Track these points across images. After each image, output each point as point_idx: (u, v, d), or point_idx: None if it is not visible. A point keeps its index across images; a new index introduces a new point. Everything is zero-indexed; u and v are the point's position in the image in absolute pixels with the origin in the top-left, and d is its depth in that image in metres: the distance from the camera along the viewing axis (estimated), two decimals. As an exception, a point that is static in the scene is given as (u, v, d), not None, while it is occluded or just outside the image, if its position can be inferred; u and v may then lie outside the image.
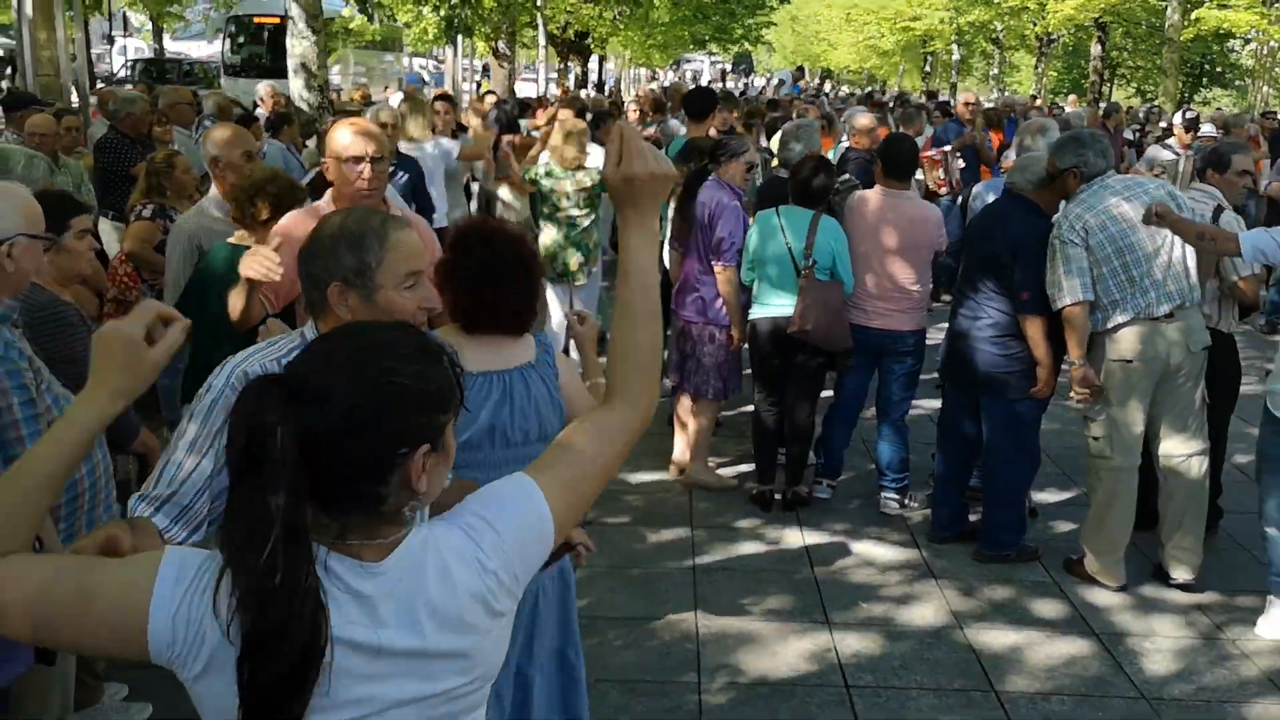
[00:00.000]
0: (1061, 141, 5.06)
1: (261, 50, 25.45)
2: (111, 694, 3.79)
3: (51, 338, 3.21)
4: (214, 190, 4.66)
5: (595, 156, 6.90)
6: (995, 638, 4.52)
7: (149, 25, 36.21)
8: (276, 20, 24.26)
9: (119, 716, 3.72)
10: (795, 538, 5.42)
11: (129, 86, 15.85)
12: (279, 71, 22.56)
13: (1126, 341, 4.74)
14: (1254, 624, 4.64)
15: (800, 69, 34.06)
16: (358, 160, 3.58)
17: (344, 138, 3.62)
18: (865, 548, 5.35)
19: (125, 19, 37.95)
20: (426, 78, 29.01)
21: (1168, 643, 4.53)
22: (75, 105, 11.33)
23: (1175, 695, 4.15)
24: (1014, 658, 4.38)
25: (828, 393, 5.99)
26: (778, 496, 5.77)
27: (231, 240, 4.14)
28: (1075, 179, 4.86)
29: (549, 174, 6.76)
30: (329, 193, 3.72)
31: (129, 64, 29.20)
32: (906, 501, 5.78)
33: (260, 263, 3.10)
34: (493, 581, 1.58)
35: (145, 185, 6.03)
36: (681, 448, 6.07)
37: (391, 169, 5.16)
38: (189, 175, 6.17)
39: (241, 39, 25.95)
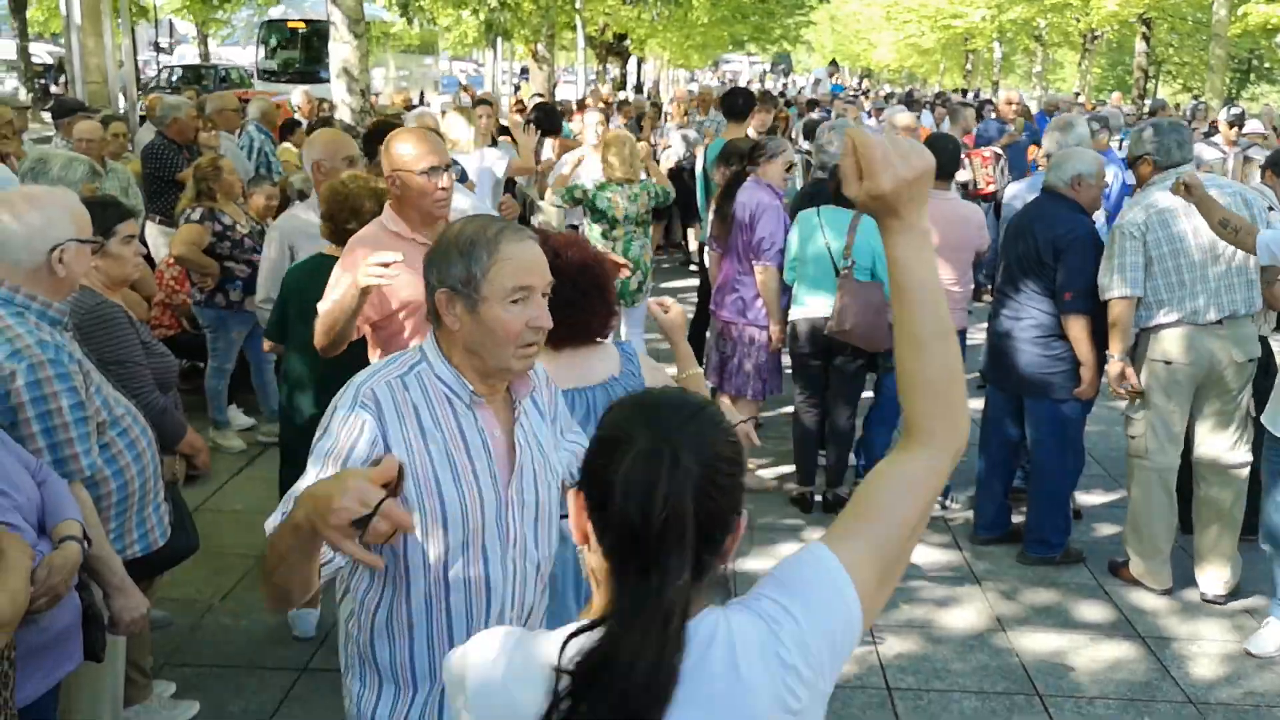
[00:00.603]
0: (1141, 128, 5.01)
1: (296, 55, 25.29)
2: (160, 691, 3.85)
3: (101, 340, 3.27)
4: (313, 194, 4.80)
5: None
6: (1039, 641, 4.48)
7: (194, 33, 36.73)
8: (305, 24, 24.58)
9: (167, 713, 3.77)
10: (836, 539, 5.39)
11: (170, 93, 16.07)
12: (313, 76, 21.87)
13: (1170, 343, 4.68)
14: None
15: (834, 63, 33.75)
16: (434, 170, 3.40)
17: (415, 148, 3.43)
18: (957, 556, 5.30)
19: (171, 26, 38.45)
20: (464, 81, 29.07)
21: (1214, 647, 4.47)
22: (123, 111, 11.50)
23: (1223, 700, 4.10)
24: (1058, 661, 4.34)
25: (868, 394, 5.96)
26: (818, 498, 5.75)
27: (326, 251, 4.10)
28: (1148, 166, 4.81)
29: (601, 188, 6.47)
30: (388, 207, 3.53)
31: (162, 70, 29.32)
32: (948, 503, 5.74)
33: (376, 268, 2.94)
34: (793, 678, 1.38)
35: (194, 189, 6.13)
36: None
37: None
38: (235, 178, 6.27)
39: (276, 44, 25.76)
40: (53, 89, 20.66)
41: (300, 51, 25.35)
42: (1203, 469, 4.83)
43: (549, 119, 9.42)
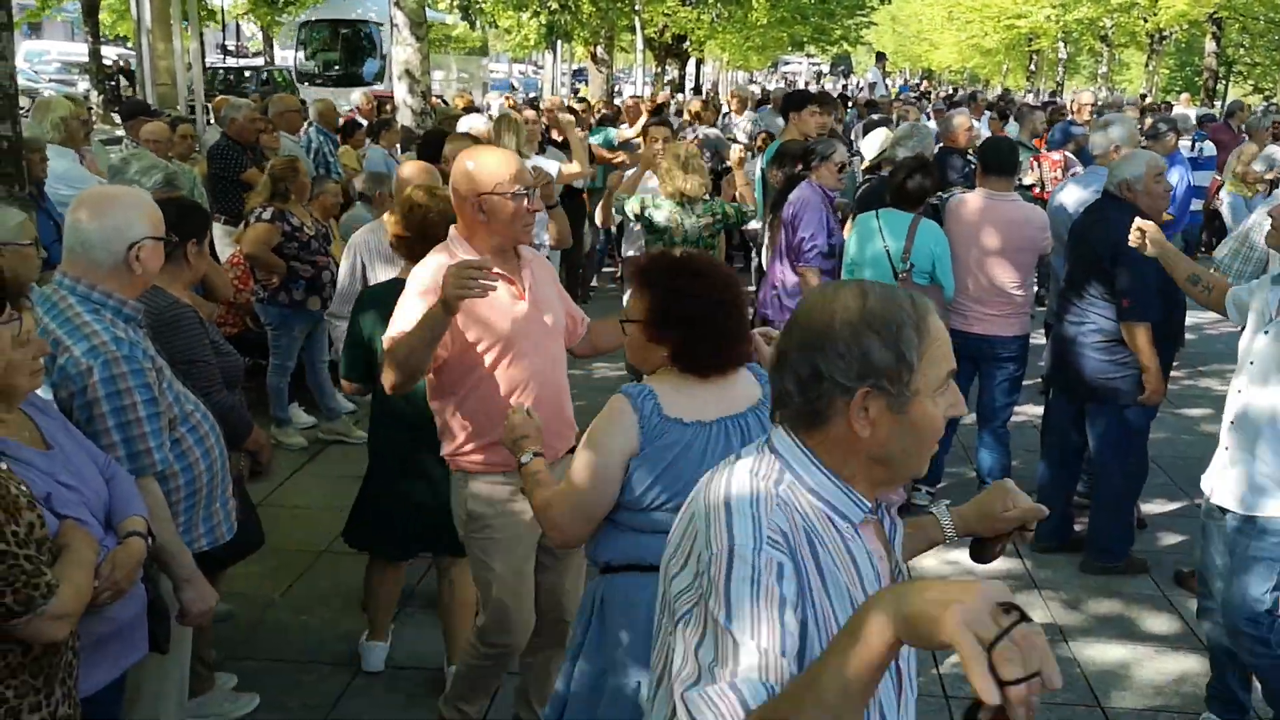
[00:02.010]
0: None
1: (336, 56, 24.36)
2: (222, 683, 3.92)
3: (172, 339, 3.33)
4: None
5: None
6: (1101, 651, 4.41)
7: (259, 35, 37.30)
8: (348, 25, 23.84)
9: (229, 705, 3.84)
10: (893, 545, 5.34)
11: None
12: (354, 79, 21.25)
13: None
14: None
15: (880, 55, 33.24)
16: (521, 192, 3.07)
17: (506, 168, 3.08)
18: (965, 556, 5.22)
19: (239, 29, 39.11)
20: (516, 84, 29.03)
21: (1285, 661, 4.36)
22: (191, 113, 11.73)
23: (1292, 716, 4.00)
24: (1121, 673, 4.26)
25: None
26: (874, 502, 5.69)
27: (402, 274, 3.72)
28: None
29: (658, 207, 5.86)
30: (454, 230, 3.18)
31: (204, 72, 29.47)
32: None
33: (474, 277, 2.71)
34: None
35: (269, 189, 6.22)
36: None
37: None
38: (308, 180, 6.40)
39: (315, 45, 24.71)
40: (123, 92, 21.08)
41: (341, 53, 24.34)
42: None
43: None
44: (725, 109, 14.27)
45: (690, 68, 34.45)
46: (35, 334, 2.42)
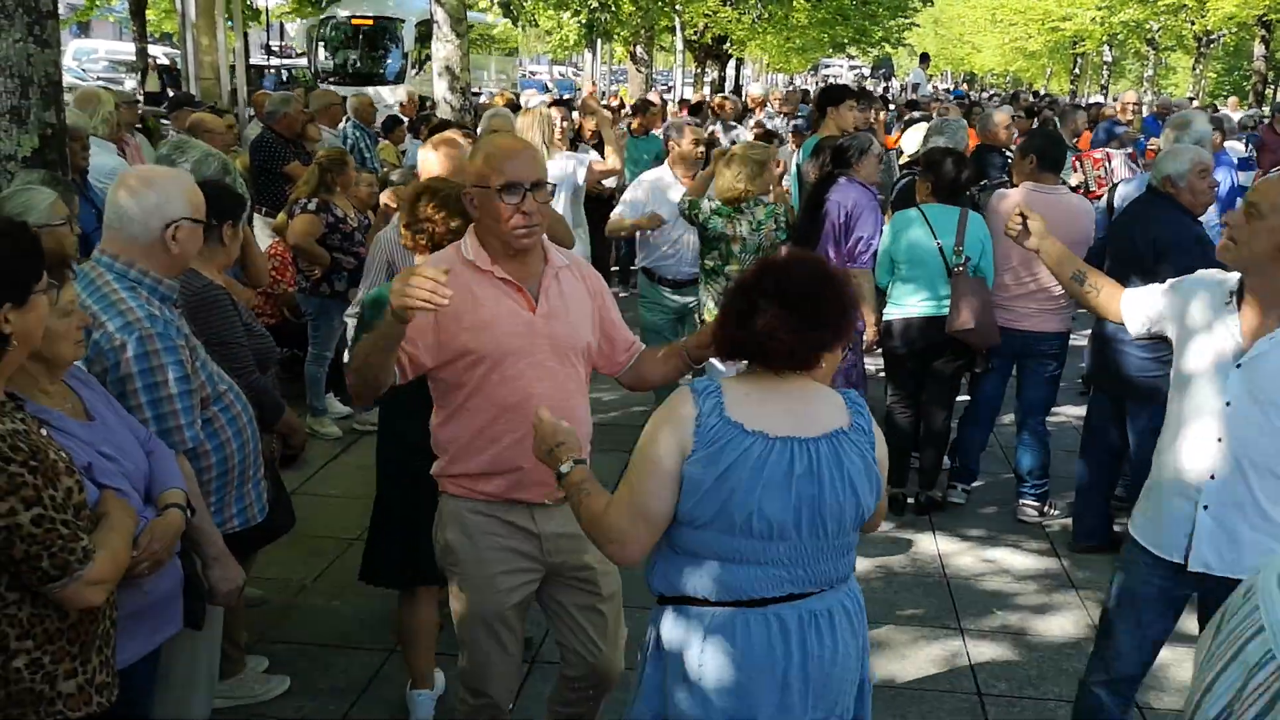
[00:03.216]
0: None
1: (356, 54, 23.33)
2: (253, 666, 3.94)
3: (206, 320, 3.36)
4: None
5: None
6: (1139, 652, 4.33)
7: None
8: (370, 21, 22.82)
9: (260, 688, 3.86)
10: (928, 542, 5.30)
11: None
12: (375, 78, 20.31)
13: None
14: None
15: (924, 57, 32.90)
16: (511, 188, 2.70)
17: (493, 158, 2.75)
18: (1001, 554, 5.20)
19: (282, 29, 39.49)
20: (550, 85, 28.81)
21: (1329, 666, 4.27)
22: (234, 109, 11.87)
23: (1336, 721, 3.91)
24: (1161, 674, 4.18)
25: (962, 396, 5.84)
26: (910, 500, 5.65)
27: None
28: None
29: (717, 212, 5.45)
30: (471, 230, 2.88)
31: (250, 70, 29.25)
32: (1046, 509, 5.60)
33: (422, 285, 2.38)
34: None
35: (316, 180, 6.26)
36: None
37: None
38: (354, 173, 6.46)
39: (334, 43, 23.62)
40: (168, 90, 21.39)
41: (361, 51, 23.32)
42: None
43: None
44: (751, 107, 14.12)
45: (730, 69, 34.39)
46: (77, 306, 2.45)
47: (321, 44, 23.47)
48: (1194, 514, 2.94)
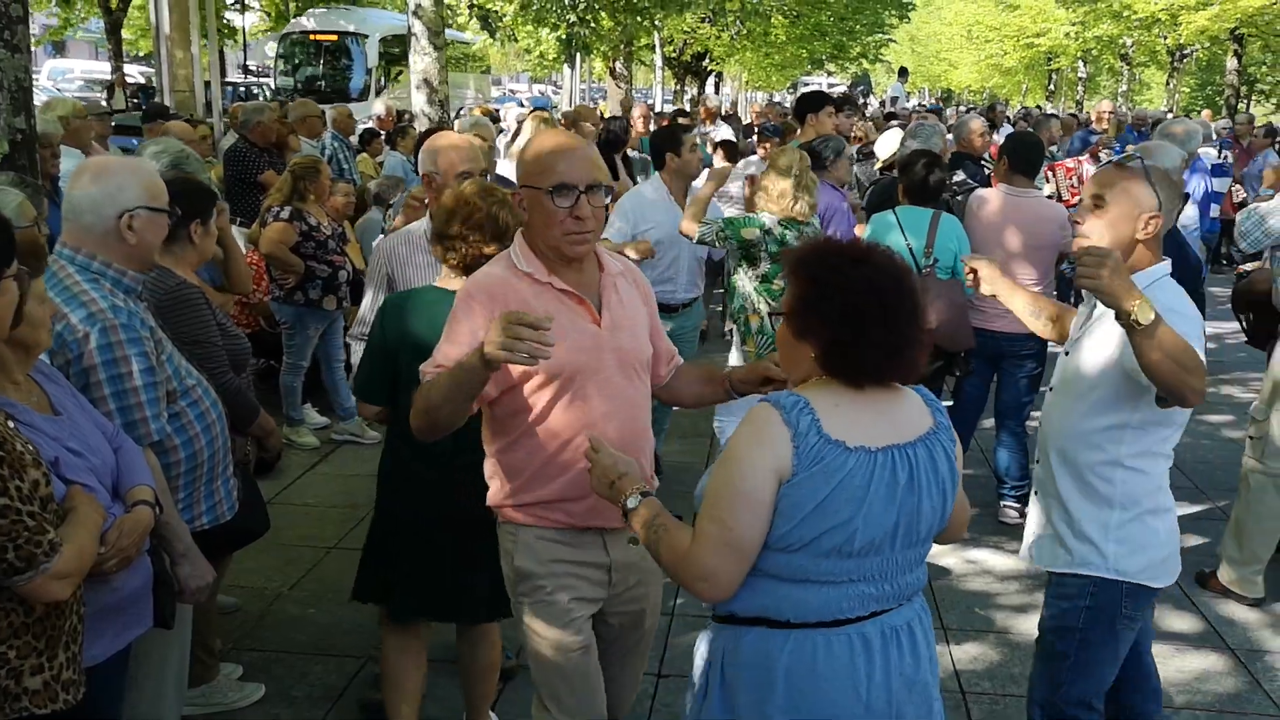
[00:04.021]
0: None
1: (319, 71, 22.67)
2: (227, 673, 3.87)
3: (179, 319, 3.32)
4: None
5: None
6: (1122, 650, 4.31)
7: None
8: (333, 37, 22.32)
9: (234, 695, 3.79)
10: (910, 545, 5.27)
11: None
12: (338, 94, 19.55)
13: None
14: (1407, 645, 4.34)
15: (903, 70, 33.19)
16: (565, 189, 2.46)
17: (547, 156, 2.50)
18: (982, 556, 5.18)
19: (260, 49, 39.41)
20: (525, 102, 28.73)
21: (1311, 661, 4.27)
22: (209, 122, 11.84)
23: (1319, 714, 3.91)
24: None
25: (947, 401, 5.83)
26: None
27: (440, 284, 3.19)
28: None
29: (788, 226, 4.93)
30: (520, 237, 2.62)
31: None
32: (1027, 510, 5.57)
33: (523, 336, 2.16)
34: None
35: (289, 188, 6.23)
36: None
37: None
38: (329, 182, 6.41)
39: (295, 60, 22.95)
40: (143, 106, 21.32)
41: (324, 67, 22.75)
42: None
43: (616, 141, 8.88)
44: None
45: (710, 86, 34.52)
46: (47, 294, 2.43)
47: (282, 60, 22.87)
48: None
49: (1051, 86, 47.06)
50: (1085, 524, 2.85)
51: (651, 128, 9.36)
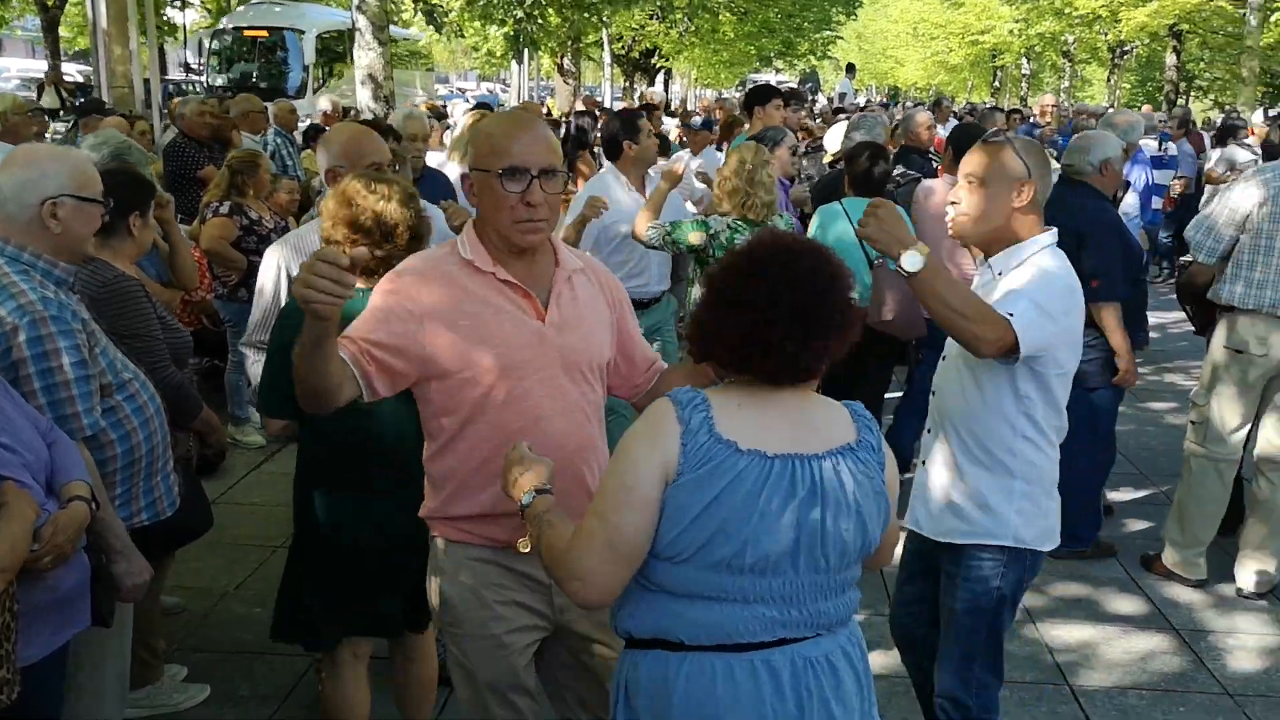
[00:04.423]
0: None
1: (253, 68, 21.88)
2: (171, 674, 3.80)
3: (117, 312, 3.26)
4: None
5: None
6: (1069, 632, 4.36)
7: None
8: (265, 33, 21.70)
9: (178, 696, 3.72)
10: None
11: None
12: (274, 92, 18.55)
13: (1244, 330, 4.55)
14: (1345, 622, 4.44)
15: (850, 67, 33.45)
16: (516, 173, 2.28)
17: (500, 138, 2.32)
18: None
19: (200, 45, 38.86)
20: (468, 100, 28.49)
21: (1252, 639, 4.34)
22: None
23: (1262, 691, 3.97)
24: (1089, 653, 4.22)
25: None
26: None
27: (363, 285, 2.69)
28: None
29: (738, 228, 4.77)
30: (468, 224, 2.45)
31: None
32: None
33: (325, 274, 1.95)
34: None
35: (226, 183, 6.13)
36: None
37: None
38: (269, 176, 6.29)
39: (229, 56, 22.20)
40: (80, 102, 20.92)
41: (259, 64, 21.97)
42: (1263, 464, 4.69)
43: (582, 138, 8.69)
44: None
45: (659, 84, 34.54)
46: None
47: (215, 57, 22.05)
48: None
49: (996, 83, 47.65)
50: (988, 494, 2.86)
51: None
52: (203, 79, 23.62)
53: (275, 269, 3.45)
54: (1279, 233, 4.39)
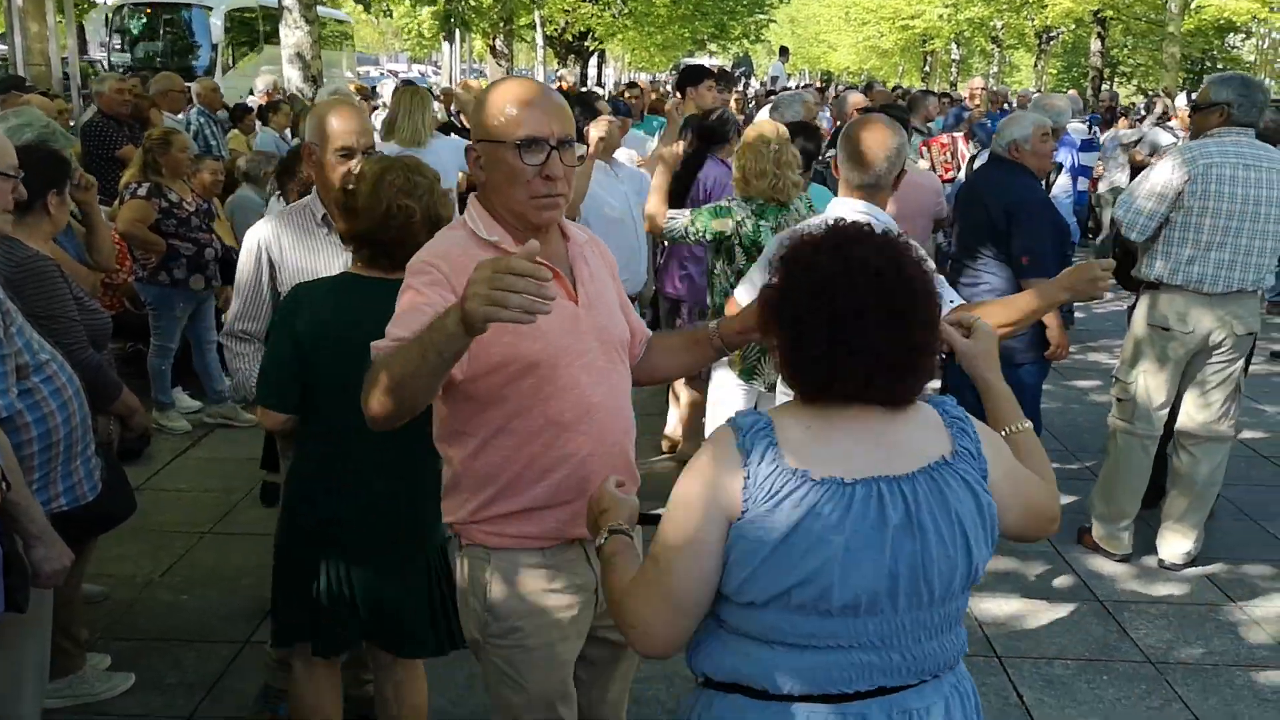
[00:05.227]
0: (1226, 78, 4.66)
1: (158, 46, 20.88)
2: (94, 663, 3.71)
3: (32, 293, 3.16)
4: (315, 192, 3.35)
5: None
6: (997, 605, 4.43)
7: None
8: (169, 9, 20.70)
9: (100, 685, 3.63)
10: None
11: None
12: (184, 72, 18.07)
13: (1167, 308, 4.61)
14: (1262, 592, 4.57)
15: (784, 50, 33.54)
16: (535, 143, 2.10)
17: (514, 106, 2.10)
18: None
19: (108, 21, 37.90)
20: (393, 83, 28.04)
21: (1174, 610, 4.45)
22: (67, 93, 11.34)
23: (1182, 659, 4.07)
24: (1017, 625, 4.29)
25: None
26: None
27: (355, 270, 2.77)
28: (1220, 118, 4.53)
29: (762, 214, 4.51)
30: (474, 200, 2.25)
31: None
32: None
33: (518, 287, 1.65)
34: None
35: (141, 163, 5.97)
36: (674, 422, 6.00)
37: None
38: (185, 154, 6.11)
39: (131, 34, 20.97)
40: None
41: (164, 42, 20.91)
42: (1184, 439, 4.79)
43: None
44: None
45: (592, 67, 34.41)
46: None
47: (118, 35, 20.90)
48: None
49: (927, 68, 48.15)
50: None
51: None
52: (114, 56, 22.80)
53: (255, 252, 3.23)
54: (1207, 210, 4.46)
